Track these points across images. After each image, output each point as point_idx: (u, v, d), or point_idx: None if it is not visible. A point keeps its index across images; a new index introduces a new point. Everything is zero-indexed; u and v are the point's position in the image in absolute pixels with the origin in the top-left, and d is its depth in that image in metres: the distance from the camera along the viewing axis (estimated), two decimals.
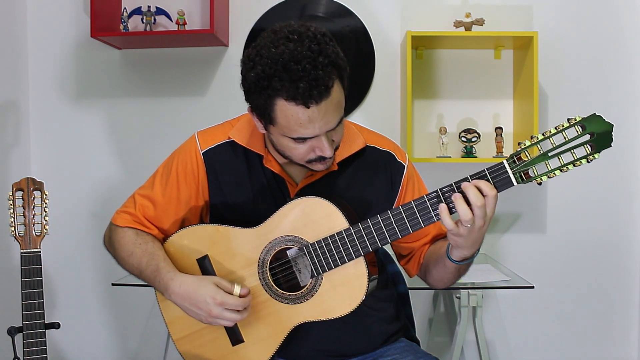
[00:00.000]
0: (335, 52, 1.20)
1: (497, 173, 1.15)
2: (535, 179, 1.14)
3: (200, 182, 1.42)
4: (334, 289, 1.29)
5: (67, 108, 2.79)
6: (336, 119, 1.24)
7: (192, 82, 2.76)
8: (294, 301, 1.32)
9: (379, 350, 1.46)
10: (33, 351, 1.69)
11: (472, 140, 2.61)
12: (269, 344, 1.34)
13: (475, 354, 2.62)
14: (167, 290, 1.32)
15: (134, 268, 1.40)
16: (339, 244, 1.26)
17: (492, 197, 1.15)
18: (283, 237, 1.31)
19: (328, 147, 1.25)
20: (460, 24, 2.56)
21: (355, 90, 2.70)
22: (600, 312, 2.75)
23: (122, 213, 1.46)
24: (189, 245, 1.40)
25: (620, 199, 2.73)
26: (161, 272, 1.34)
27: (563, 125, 1.12)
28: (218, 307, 1.26)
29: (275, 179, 1.39)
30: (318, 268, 1.28)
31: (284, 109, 1.19)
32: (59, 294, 2.81)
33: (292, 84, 1.15)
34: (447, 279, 1.39)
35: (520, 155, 1.14)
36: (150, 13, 2.62)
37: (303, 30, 1.20)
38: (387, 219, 1.23)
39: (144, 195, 1.45)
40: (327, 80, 1.17)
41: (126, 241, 1.41)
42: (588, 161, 1.11)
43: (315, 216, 1.28)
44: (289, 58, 1.15)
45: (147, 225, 1.44)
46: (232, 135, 1.41)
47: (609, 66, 2.69)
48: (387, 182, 1.43)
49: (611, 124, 1.11)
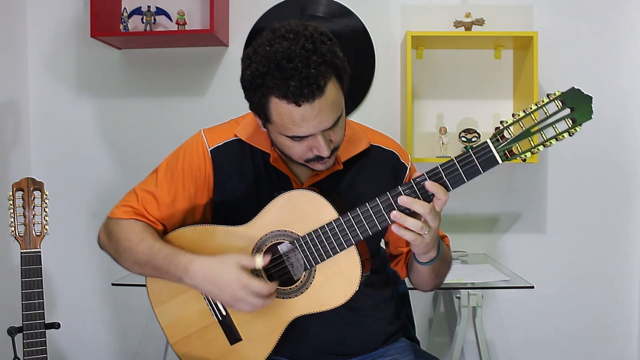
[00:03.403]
0: (331, 51, 1.19)
1: (481, 152, 1.16)
2: (519, 156, 1.15)
3: (206, 179, 1.41)
4: (328, 280, 1.29)
5: (67, 108, 2.79)
6: (332, 119, 1.22)
7: (192, 82, 2.76)
8: (288, 295, 1.31)
9: (379, 350, 1.46)
10: (33, 351, 1.69)
11: (472, 140, 2.61)
12: (266, 340, 1.34)
13: (475, 354, 2.62)
14: (187, 272, 1.29)
15: (144, 255, 1.34)
16: (329, 234, 1.25)
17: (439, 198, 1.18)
18: (273, 232, 1.31)
19: (325, 147, 1.24)
20: (460, 24, 2.56)
21: (355, 90, 2.70)
22: (600, 312, 2.75)
23: (123, 207, 1.42)
24: (183, 245, 1.38)
25: (620, 198, 2.73)
26: (178, 255, 1.31)
27: (543, 101, 1.13)
28: (242, 290, 1.24)
29: (280, 177, 1.39)
30: (310, 260, 1.28)
31: (277, 107, 1.20)
32: (59, 294, 2.81)
33: (283, 82, 1.15)
34: (429, 281, 1.40)
35: (503, 133, 1.15)
36: (150, 13, 2.62)
37: (300, 29, 1.20)
38: (375, 205, 1.22)
39: (147, 190, 1.41)
40: (320, 79, 1.16)
41: (135, 230, 1.37)
42: (570, 134, 1.13)
43: (304, 209, 1.28)
44: (282, 56, 1.16)
45: (152, 221, 1.40)
46: (238, 133, 1.40)
47: (609, 66, 2.69)
48: (390, 181, 1.43)
49: (590, 96, 1.12)
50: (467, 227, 2.75)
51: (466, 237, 2.75)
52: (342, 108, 1.26)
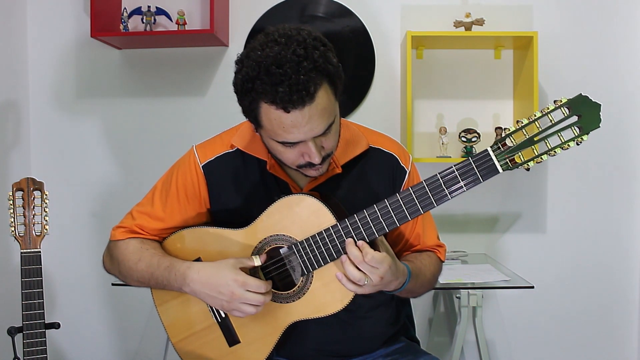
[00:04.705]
0: (324, 57, 1.18)
1: (481, 161, 1.14)
2: (522, 165, 1.12)
3: (201, 195, 1.42)
4: (325, 286, 1.29)
5: (67, 108, 2.79)
6: (323, 126, 1.21)
7: (192, 82, 2.76)
8: (286, 300, 1.32)
9: (379, 351, 1.46)
10: (33, 351, 1.69)
11: (472, 140, 2.61)
12: (264, 343, 1.35)
13: (475, 354, 2.62)
14: (185, 279, 1.30)
15: (144, 272, 1.37)
16: (327, 240, 1.25)
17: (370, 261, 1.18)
18: (272, 236, 1.31)
19: (316, 154, 1.23)
20: (460, 24, 2.56)
21: (355, 90, 2.70)
22: (600, 312, 2.75)
23: (120, 229, 1.44)
24: (182, 248, 1.40)
25: (620, 198, 2.72)
26: (176, 265, 1.33)
27: (549, 108, 1.08)
28: (240, 288, 1.24)
29: (279, 184, 1.38)
30: (308, 266, 1.28)
31: (267, 113, 1.19)
32: (59, 294, 2.81)
33: (272, 88, 1.14)
34: (405, 297, 1.46)
35: (505, 141, 1.11)
36: (150, 13, 2.62)
37: (293, 33, 1.18)
38: (373, 213, 1.22)
39: (143, 212, 1.44)
40: (309, 86, 1.14)
41: (131, 250, 1.40)
42: (577, 143, 1.08)
43: (302, 214, 1.28)
44: (272, 61, 1.14)
45: (149, 235, 1.43)
46: (235, 142, 1.40)
47: (609, 66, 2.69)
48: (390, 185, 1.43)
49: (598, 104, 1.07)
50: (467, 227, 2.75)
51: (466, 237, 2.75)
52: (334, 114, 1.24)
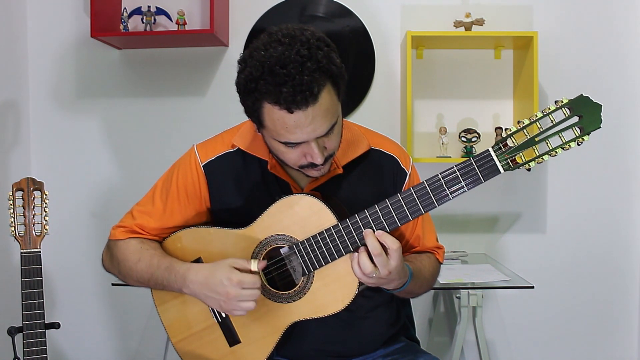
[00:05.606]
0: (327, 57, 1.17)
1: (483, 161, 1.15)
2: (523, 165, 1.12)
3: (202, 194, 1.42)
4: (326, 287, 1.29)
5: (67, 108, 2.79)
6: (326, 126, 1.21)
7: (192, 82, 2.76)
8: (287, 300, 1.32)
9: (379, 351, 1.46)
10: (33, 351, 1.69)
11: (472, 140, 2.61)
12: (264, 343, 1.35)
13: (475, 354, 2.62)
14: (185, 280, 1.30)
15: (144, 273, 1.37)
16: (328, 240, 1.25)
17: (394, 250, 1.19)
18: (273, 236, 1.31)
19: (318, 154, 1.23)
20: (460, 24, 2.56)
21: (355, 90, 2.70)
22: (600, 312, 2.75)
23: (120, 228, 1.44)
24: (182, 247, 1.40)
25: (620, 198, 2.73)
26: (175, 267, 1.33)
27: (550, 108, 1.09)
28: (235, 287, 1.24)
29: (280, 184, 1.38)
30: (309, 266, 1.28)
31: (270, 113, 1.19)
32: (59, 294, 2.81)
33: (276, 88, 1.14)
34: (403, 297, 1.45)
35: (507, 141, 1.12)
36: (150, 13, 2.62)
37: (297, 33, 1.18)
38: (374, 212, 1.22)
39: (143, 211, 1.43)
40: (313, 86, 1.14)
41: (131, 250, 1.40)
42: (578, 144, 1.09)
43: (303, 214, 1.28)
44: (276, 61, 1.14)
45: (149, 235, 1.43)
46: (236, 142, 1.40)
47: (609, 66, 2.69)
48: (390, 186, 1.43)
49: (599, 104, 1.07)
50: (467, 227, 2.75)
51: (466, 237, 2.75)
52: (337, 115, 1.24)
